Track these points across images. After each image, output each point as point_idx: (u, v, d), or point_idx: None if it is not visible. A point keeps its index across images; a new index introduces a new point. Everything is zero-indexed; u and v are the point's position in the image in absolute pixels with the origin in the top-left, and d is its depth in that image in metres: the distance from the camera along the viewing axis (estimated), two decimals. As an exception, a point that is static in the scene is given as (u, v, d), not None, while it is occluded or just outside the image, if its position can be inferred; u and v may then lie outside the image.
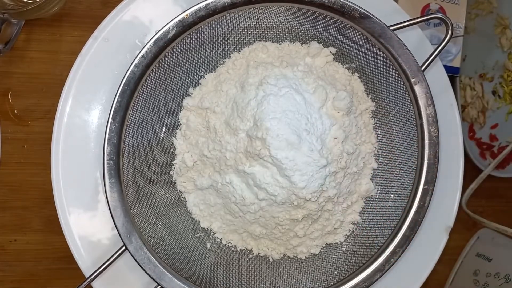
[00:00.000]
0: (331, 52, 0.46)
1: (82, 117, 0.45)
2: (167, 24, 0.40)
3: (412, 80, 0.42)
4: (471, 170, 0.57)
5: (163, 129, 0.46)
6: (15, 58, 0.50)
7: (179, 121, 0.46)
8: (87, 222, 0.45)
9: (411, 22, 0.43)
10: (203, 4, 0.40)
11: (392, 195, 0.46)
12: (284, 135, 0.40)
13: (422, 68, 0.42)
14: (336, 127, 0.43)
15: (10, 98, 0.51)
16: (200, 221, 0.47)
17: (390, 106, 0.46)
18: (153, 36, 0.40)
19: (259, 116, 0.41)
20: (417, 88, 0.42)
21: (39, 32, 0.51)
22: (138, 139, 0.44)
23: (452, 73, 0.53)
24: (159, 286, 0.41)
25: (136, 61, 0.40)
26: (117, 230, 0.40)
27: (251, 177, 0.42)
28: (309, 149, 0.40)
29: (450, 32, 0.42)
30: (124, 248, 0.40)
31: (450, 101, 0.49)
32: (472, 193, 0.57)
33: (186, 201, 0.47)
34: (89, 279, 0.40)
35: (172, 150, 0.47)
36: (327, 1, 0.41)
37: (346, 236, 0.47)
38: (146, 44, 0.40)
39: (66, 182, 0.45)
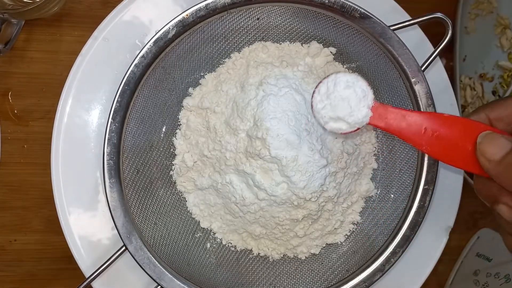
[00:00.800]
0: (331, 52, 0.46)
1: (82, 117, 0.45)
2: (167, 24, 0.40)
3: (412, 80, 0.42)
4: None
5: (163, 129, 0.46)
6: (15, 58, 0.50)
7: (179, 121, 0.46)
8: (87, 222, 0.45)
9: (411, 22, 0.43)
10: (203, 4, 0.40)
11: (392, 195, 0.46)
12: (284, 135, 0.40)
13: (422, 68, 0.42)
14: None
15: (10, 98, 0.51)
16: (200, 221, 0.47)
17: (390, 106, 0.46)
18: (153, 36, 0.40)
19: (259, 116, 0.41)
20: (417, 88, 0.42)
21: (39, 32, 0.51)
22: (138, 139, 0.44)
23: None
24: (159, 286, 0.41)
25: (136, 61, 0.40)
26: (117, 230, 0.40)
27: (251, 177, 0.42)
28: (309, 149, 0.40)
29: (450, 32, 0.42)
30: (124, 248, 0.40)
31: (450, 101, 0.49)
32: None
33: (186, 201, 0.47)
34: (89, 279, 0.40)
35: (172, 150, 0.47)
36: (327, 1, 0.41)
37: (346, 236, 0.47)
38: (146, 44, 0.40)
39: (66, 182, 0.45)
